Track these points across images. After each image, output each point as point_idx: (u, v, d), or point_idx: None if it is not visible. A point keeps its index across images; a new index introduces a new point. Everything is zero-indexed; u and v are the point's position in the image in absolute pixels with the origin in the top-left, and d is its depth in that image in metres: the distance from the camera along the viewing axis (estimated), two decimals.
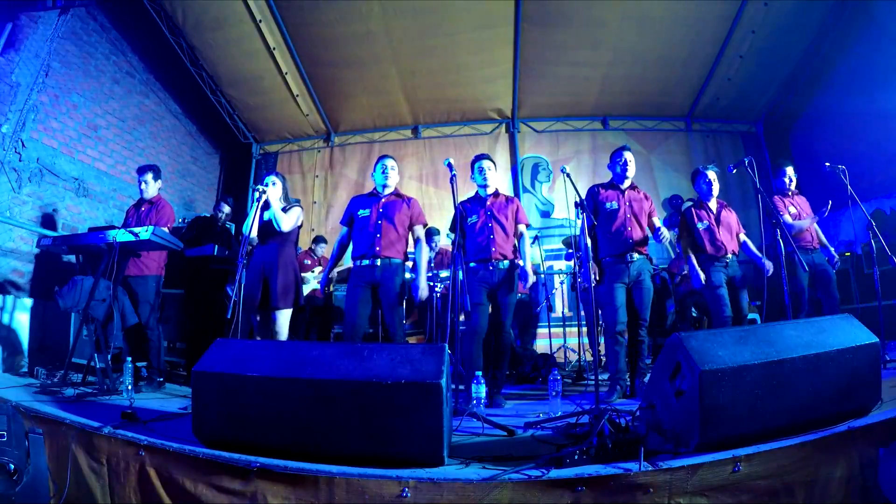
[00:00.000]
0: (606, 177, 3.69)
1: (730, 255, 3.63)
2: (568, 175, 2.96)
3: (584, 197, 3.10)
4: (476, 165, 3.45)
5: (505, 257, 3.27)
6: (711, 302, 3.59)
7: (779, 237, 3.56)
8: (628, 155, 3.50)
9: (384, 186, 3.39)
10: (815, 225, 4.14)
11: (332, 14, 5.27)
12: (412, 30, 5.49)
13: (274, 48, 5.63)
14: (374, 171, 3.43)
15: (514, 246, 3.39)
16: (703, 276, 3.60)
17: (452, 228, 3.47)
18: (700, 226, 3.73)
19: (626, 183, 3.49)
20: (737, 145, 6.86)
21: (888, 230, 4.50)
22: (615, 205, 3.40)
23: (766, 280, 3.91)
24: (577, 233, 3.56)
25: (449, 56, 5.85)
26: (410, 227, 3.37)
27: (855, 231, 4.68)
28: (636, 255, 3.31)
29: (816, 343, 2.00)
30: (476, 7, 5.25)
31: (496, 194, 3.44)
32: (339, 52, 5.76)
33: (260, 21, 5.31)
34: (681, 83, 6.35)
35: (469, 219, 3.38)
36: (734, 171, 3.82)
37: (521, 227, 3.42)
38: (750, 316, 5.19)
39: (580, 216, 3.02)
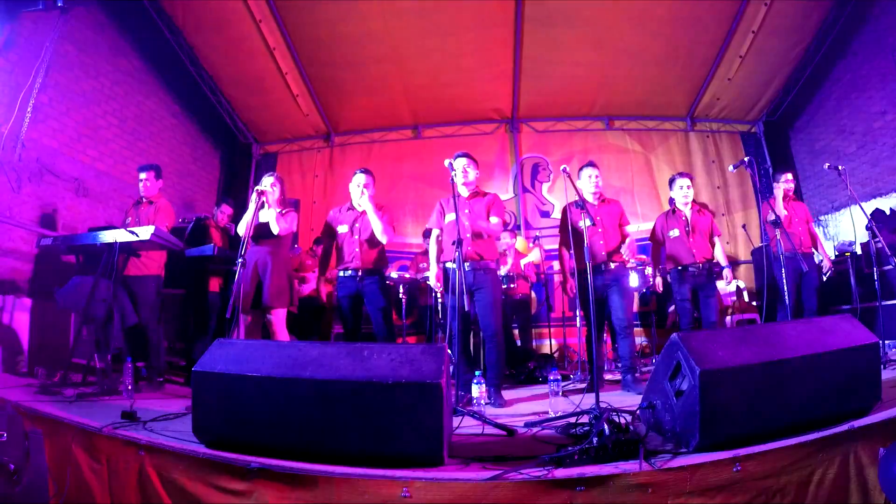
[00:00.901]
0: (607, 177, 3.73)
1: (700, 263, 3.71)
2: (568, 175, 2.96)
3: (581, 198, 3.11)
4: (454, 164, 3.41)
5: (481, 257, 3.24)
6: (679, 311, 3.81)
7: (777, 237, 3.57)
8: (593, 170, 3.66)
9: (359, 204, 3.51)
10: (814, 229, 4.17)
11: (332, 14, 5.26)
12: (412, 30, 5.48)
13: (274, 48, 5.62)
14: (351, 183, 3.55)
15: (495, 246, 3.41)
16: (661, 285, 3.89)
17: (432, 225, 3.52)
18: (671, 234, 3.84)
19: (596, 197, 3.63)
20: (737, 145, 6.85)
21: (888, 230, 4.50)
22: (588, 221, 3.43)
23: (765, 280, 3.91)
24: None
25: (449, 56, 5.84)
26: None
27: (855, 231, 4.68)
28: (612, 265, 3.48)
29: (816, 343, 2.00)
30: (476, 7, 5.25)
31: (475, 192, 3.42)
32: (339, 52, 5.75)
33: (260, 21, 5.30)
34: (681, 83, 6.34)
35: (447, 216, 3.39)
36: (734, 170, 3.83)
37: (493, 220, 3.33)
38: (750, 316, 5.22)
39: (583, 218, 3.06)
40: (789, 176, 4.22)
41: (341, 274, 3.47)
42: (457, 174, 3.37)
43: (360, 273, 3.40)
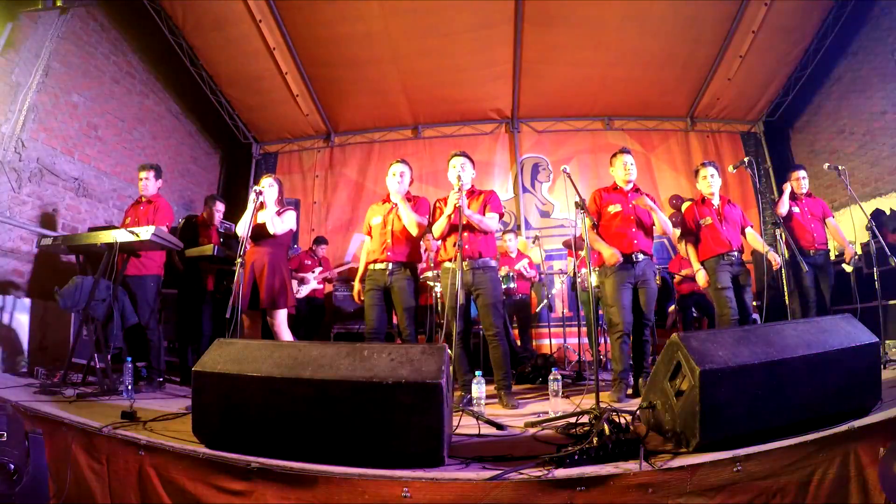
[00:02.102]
0: (607, 177, 3.68)
1: (735, 251, 3.55)
2: (568, 175, 2.95)
3: (584, 197, 3.07)
4: (449, 163, 3.36)
5: (480, 255, 3.21)
6: (717, 302, 3.53)
7: (779, 237, 3.56)
8: (628, 157, 3.49)
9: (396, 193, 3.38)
10: (832, 224, 4.14)
11: (332, 14, 5.27)
12: (412, 30, 5.48)
13: (274, 48, 5.62)
14: (388, 176, 3.43)
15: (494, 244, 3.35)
16: (703, 277, 3.58)
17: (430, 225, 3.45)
18: (703, 222, 3.67)
19: (629, 185, 3.46)
20: (737, 145, 6.86)
21: (888, 230, 4.50)
22: (618, 207, 3.37)
23: (765, 280, 3.90)
24: (576, 233, 3.53)
25: (449, 56, 5.84)
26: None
27: (855, 231, 4.68)
28: (641, 256, 3.29)
29: (816, 343, 2.00)
30: (476, 7, 5.25)
31: (471, 191, 3.36)
32: (339, 52, 5.75)
33: (260, 21, 5.30)
34: (681, 83, 6.34)
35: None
36: (734, 170, 3.82)
37: (489, 215, 3.28)
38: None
39: (580, 217, 2.98)
40: (799, 174, 4.17)
41: (371, 267, 3.33)
42: (450, 173, 3.32)
43: (390, 266, 3.27)
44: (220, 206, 4.79)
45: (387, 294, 3.30)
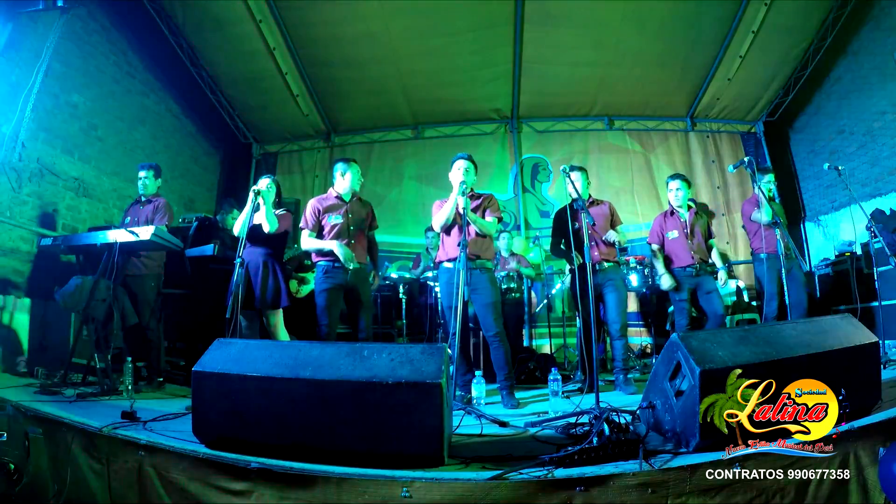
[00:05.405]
0: (607, 177, 3.69)
1: (697, 264, 3.74)
2: (568, 175, 2.95)
3: (582, 197, 3.07)
4: (453, 165, 3.35)
5: (478, 257, 3.21)
6: (677, 312, 3.82)
7: (778, 237, 3.56)
8: (573, 175, 3.49)
9: (350, 192, 3.53)
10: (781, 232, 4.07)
11: (332, 14, 5.27)
12: (412, 30, 5.48)
13: (274, 48, 5.62)
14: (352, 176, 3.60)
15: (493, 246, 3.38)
16: (669, 282, 3.78)
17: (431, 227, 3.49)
18: (669, 235, 3.87)
19: (585, 200, 3.54)
20: (737, 145, 6.85)
21: (888, 230, 4.50)
22: (575, 224, 3.36)
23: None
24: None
25: (449, 56, 5.84)
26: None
27: (855, 231, 4.67)
28: (605, 265, 3.51)
29: (816, 343, 2.00)
30: (476, 7, 5.25)
31: (473, 195, 3.36)
32: (339, 52, 5.75)
33: (260, 21, 5.30)
34: (681, 83, 6.34)
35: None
36: (734, 171, 3.82)
37: (489, 219, 3.30)
38: (749, 316, 5.21)
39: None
40: (768, 178, 4.07)
41: (325, 263, 3.26)
42: (454, 175, 3.33)
43: (352, 266, 3.24)
44: (230, 210, 4.95)
45: (345, 291, 3.30)
